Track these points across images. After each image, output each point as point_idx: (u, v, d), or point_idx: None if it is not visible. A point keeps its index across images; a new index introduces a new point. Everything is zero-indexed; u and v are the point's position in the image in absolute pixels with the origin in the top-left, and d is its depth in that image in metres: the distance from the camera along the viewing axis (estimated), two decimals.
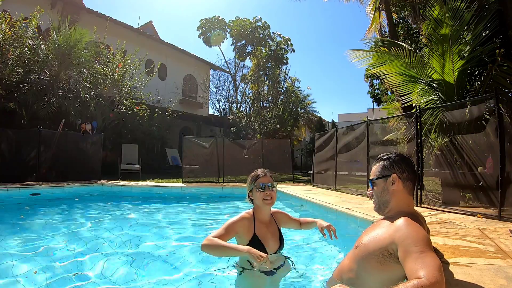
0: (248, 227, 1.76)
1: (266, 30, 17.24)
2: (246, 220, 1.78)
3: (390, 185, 1.34)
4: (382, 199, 1.37)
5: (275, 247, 1.82)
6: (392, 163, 1.37)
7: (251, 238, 1.73)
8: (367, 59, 5.80)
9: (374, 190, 1.40)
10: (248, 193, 1.87)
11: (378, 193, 1.38)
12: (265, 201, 1.78)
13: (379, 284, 1.18)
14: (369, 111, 20.86)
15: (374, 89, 17.79)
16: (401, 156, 1.40)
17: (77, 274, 2.15)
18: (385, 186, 1.36)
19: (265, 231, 1.81)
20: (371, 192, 1.43)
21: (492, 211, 3.53)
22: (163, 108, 12.74)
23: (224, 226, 1.70)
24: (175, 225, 4.02)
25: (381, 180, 1.37)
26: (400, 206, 1.33)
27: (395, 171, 1.34)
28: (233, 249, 1.58)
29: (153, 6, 41.61)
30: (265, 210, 1.85)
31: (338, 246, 2.81)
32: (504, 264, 1.69)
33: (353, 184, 6.78)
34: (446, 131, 4.74)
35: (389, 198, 1.35)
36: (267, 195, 1.77)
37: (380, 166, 1.39)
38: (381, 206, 1.38)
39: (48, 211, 4.63)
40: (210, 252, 1.61)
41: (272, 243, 1.81)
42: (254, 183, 1.81)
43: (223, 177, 9.03)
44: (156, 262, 2.48)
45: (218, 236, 1.62)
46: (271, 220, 1.91)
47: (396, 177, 1.33)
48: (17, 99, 7.76)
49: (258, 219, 1.82)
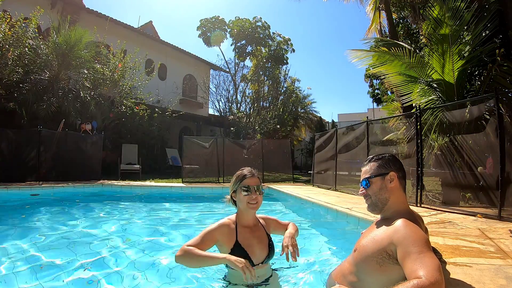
0: (228, 234, 1.61)
1: (266, 30, 17.25)
2: (225, 226, 1.63)
3: (389, 182, 1.35)
4: (380, 197, 1.36)
5: (262, 255, 1.64)
6: (388, 162, 1.39)
7: (233, 246, 1.58)
8: (367, 59, 5.80)
9: (371, 189, 1.38)
10: (231, 193, 1.69)
11: (376, 191, 1.37)
12: (249, 205, 1.61)
13: (379, 285, 1.18)
14: (369, 111, 20.86)
15: (374, 89, 17.79)
16: (394, 156, 1.44)
17: (77, 274, 2.15)
18: (383, 184, 1.36)
19: (248, 237, 1.64)
20: (364, 191, 1.41)
21: (492, 211, 3.53)
22: (163, 108, 12.75)
23: (201, 235, 1.56)
24: (175, 225, 4.02)
25: (378, 178, 1.37)
26: (397, 204, 1.34)
27: (392, 169, 1.36)
28: (209, 257, 1.45)
29: (153, 6, 41.62)
30: (249, 215, 1.69)
31: (336, 247, 2.80)
32: (504, 264, 1.69)
33: (353, 184, 6.78)
34: (446, 131, 4.74)
35: (388, 196, 1.35)
36: (252, 199, 1.61)
37: (376, 165, 1.39)
38: (378, 205, 1.37)
39: (48, 211, 4.63)
40: (185, 263, 1.49)
41: (259, 250, 1.63)
42: (240, 183, 1.63)
43: (223, 177, 9.03)
44: (156, 262, 2.47)
45: (193, 245, 1.48)
46: (257, 224, 1.74)
47: (394, 175, 1.35)
48: (17, 99, 7.76)
49: (241, 224, 1.66)
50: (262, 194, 1.66)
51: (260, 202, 1.65)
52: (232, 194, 1.70)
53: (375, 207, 1.39)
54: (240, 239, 1.61)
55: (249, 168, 1.71)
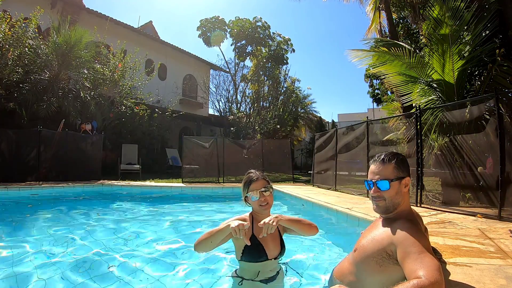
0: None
1: (266, 30, 17.23)
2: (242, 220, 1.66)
3: (404, 187, 1.31)
4: (395, 201, 1.30)
5: (275, 253, 1.72)
6: (404, 164, 1.33)
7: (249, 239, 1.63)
8: (367, 59, 5.80)
9: (388, 192, 1.29)
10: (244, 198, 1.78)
11: (392, 195, 1.30)
12: (261, 207, 1.70)
13: (379, 285, 1.19)
14: (369, 111, 20.85)
15: (374, 89, 17.78)
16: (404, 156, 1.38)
17: (76, 274, 2.15)
18: (399, 188, 1.31)
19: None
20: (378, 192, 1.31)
21: (492, 211, 3.53)
22: (163, 108, 12.75)
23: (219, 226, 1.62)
24: (175, 225, 4.02)
25: (396, 182, 1.30)
26: (403, 206, 1.33)
27: (407, 173, 1.32)
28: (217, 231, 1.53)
29: (153, 6, 41.61)
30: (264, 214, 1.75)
31: (336, 247, 2.80)
32: (504, 264, 1.69)
33: (353, 184, 6.78)
34: (446, 131, 4.74)
35: (401, 200, 1.31)
36: (262, 201, 1.69)
37: (396, 167, 1.31)
38: (390, 208, 1.31)
39: (48, 211, 4.63)
40: (201, 247, 1.58)
41: (272, 247, 1.71)
42: (248, 189, 1.71)
43: (223, 177, 9.03)
44: (155, 262, 2.47)
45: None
46: None
47: (409, 180, 1.33)
48: (17, 99, 7.76)
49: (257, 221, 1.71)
50: (271, 193, 1.73)
51: (271, 201, 1.72)
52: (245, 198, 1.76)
53: (386, 209, 1.32)
54: (256, 234, 1.68)
55: (254, 171, 1.77)
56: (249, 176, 1.75)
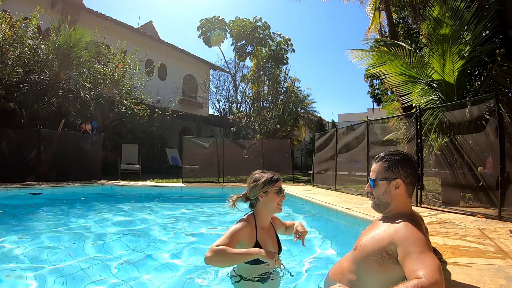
0: (250, 235, 1.69)
1: (266, 30, 17.23)
2: (248, 227, 1.70)
3: (393, 188, 1.29)
4: (382, 200, 1.33)
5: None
6: (397, 166, 1.29)
7: (253, 246, 1.66)
8: (367, 59, 5.80)
9: (375, 190, 1.34)
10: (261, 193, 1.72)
11: (379, 194, 1.33)
12: (278, 206, 1.73)
13: (379, 285, 1.18)
14: (369, 111, 20.85)
15: (374, 89, 17.77)
16: (406, 157, 1.32)
17: (76, 274, 2.15)
18: (388, 188, 1.31)
19: (265, 237, 1.75)
20: (369, 189, 1.38)
21: (492, 211, 3.53)
22: (163, 108, 12.74)
23: (228, 235, 1.60)
24: (174, 225, 4.02)
25: (384, 182, 1.31)
26: (399, 208, 1.31)
27: (400, 175, 1.28)
28: (244, 254, 1.50)
29: (153, 6, 41.64)
30: (269, 216, 1.80)
31: (336, 247, 2.80)
32: (504, 264, 1.69)
33: (353, 184, 6.78)
34: (446, 131, 4.74)
35: (390, 201, 1.31)
36: (281, 201, 1.73)
37: (384, 167, 1.31)
38: (380, 206, 1.36)
39: (48, 211, 4.63)
40: (217, 263, 1.53)
41: (272, 249, 1.75)
42: (273, 185, 1.70)
43: (223, 177, 9.03)
44: (154, 261, 2.47)
45: (223, 245, 1.52)
46: (270, 225, 1.86)
47: (401, 182, 1.28)
48: (17, 99, 7.76)
49: (259, 225, 1.75)
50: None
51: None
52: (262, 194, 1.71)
53: (377, 207, 1.37)
54: (260, 239, 1.70)
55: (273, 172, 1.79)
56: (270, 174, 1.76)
